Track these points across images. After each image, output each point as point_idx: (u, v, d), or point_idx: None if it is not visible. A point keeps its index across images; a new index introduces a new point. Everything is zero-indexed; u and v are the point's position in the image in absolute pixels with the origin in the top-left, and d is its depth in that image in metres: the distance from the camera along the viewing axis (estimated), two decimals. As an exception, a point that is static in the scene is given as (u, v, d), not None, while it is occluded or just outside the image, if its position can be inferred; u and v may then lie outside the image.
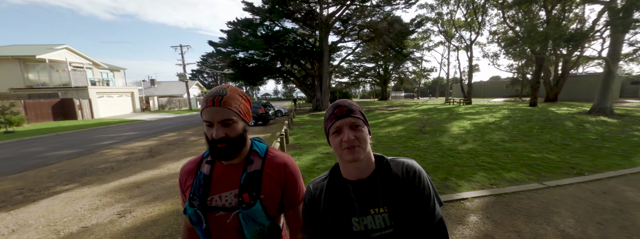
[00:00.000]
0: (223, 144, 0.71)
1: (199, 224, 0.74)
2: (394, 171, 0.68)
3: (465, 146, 5.49)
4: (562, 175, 3.59)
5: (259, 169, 0.78)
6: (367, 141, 0.65)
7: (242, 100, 0.76)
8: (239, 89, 0.78)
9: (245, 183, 0.75)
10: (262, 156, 0.80)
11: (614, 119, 9.04)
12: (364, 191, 0.67)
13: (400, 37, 18.89)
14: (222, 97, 0.71)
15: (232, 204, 0.74)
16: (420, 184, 0.66)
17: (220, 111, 0.70)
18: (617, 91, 26.48)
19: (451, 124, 9.02)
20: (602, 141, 5.62)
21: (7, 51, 17.71)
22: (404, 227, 0.64)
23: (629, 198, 2.82)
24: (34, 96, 16.01)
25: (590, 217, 2.43)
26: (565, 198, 2.85)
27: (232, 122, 0.72)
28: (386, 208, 0.65)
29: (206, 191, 0.76)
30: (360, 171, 0.68)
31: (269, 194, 0.77)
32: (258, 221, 0.73)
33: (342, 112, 0.65)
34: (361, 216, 0.65)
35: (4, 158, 6.19)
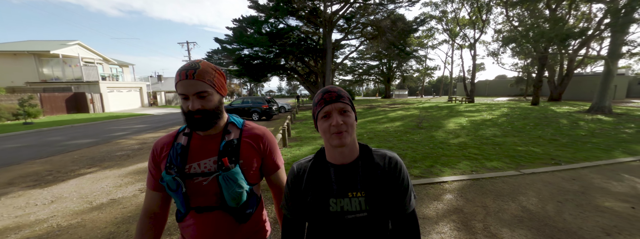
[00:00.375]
0: (199, 115, 0.72)
1: (178, 190, 0.74)
2: (376, 160, 0.70)
3: (456, 140, 5.79)
4: (540, 164, 3.90)
5: (237, 137, 0.80)
6: (354, 127, 0.67)
7: (215, 73, 0.76)
8: (211, 64, 0.78)
9: (223, 150, 0.77)
10: (240, 127, 0.83)
11: (610, 117, 9.20)
12: (344, 175, 0.69)
13: (403, 35, 19.04)
14: (195, 70, 0.71)
15: (211, 169, 0.76)
16: (400, 175, 0.69)
17: (194, 84, 0.71)
18: (623, 91, 26.20)
19: (448, 121, 9.29)
20: (590, 137, 5.87)
21: (23, 46, 18.42)
22: (378, 212, 0.66)
23: (595, 184, 3.12)
24: (48, 90, 16.69)
25: (552, 197, 2.75)
26: (536, 182, 3.17)
27: (207, 94, 0.73)
28: (363, 192, 0.67)
29: (184, 159, 0.76)
30: (344, 156, 0.69)
31: (247, 161, 0.79)
32: (237, 183, 0.74)
33: (331, 97, 0.66)
34: (338, 198, 0.68)
35: (29, 145, 6.71)
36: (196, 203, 0.76)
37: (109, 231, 2.28)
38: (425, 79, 50.22)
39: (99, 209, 2.78)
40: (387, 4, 18.45)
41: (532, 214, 2.40)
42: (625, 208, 2.50)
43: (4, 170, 4.48)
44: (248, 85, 63.31)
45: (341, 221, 0.67)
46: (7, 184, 3.79)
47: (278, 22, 19.52)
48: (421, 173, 3.56)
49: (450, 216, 2.38)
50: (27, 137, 8.03)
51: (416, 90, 56.02)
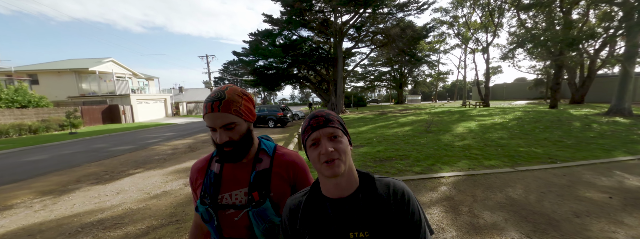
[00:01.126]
0: (229, 147, 0.72)
1: (211, 221, 0.76)
2: (379, 191, 0.62)
3: (461, 143, 6.12)
4: (536, 163, 4.20)
5: (268, 168, 0.78)
6: (347, 153, 0.61)
7: (242, 101, 0.75)
8: (238, 89, 0.76)
9: (254, 182, 0.76)
10: (270, 154, 0.81)
11: (628, 119, 9.04)
12: (343, 211, 0.61)
13: (413, 42, 19.45)
14: (220, 101, 0.70)
15: (242, 202, 0.76)
16: (408, 207, 0.61)
17: (220, 116, 0.70)
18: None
19: (458, 125, 9.52)
20: (597, 139, 5.98)
21: (65, 65, 20.68)
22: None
23: (583, 179, 3.42)
24: (87, 103, 18.55)
25: (538, 189, 3.11)
26: (527, 177, 3.52)
27: (235, 125, 0.72)
28: (367, 232, 0.59)
29: (217, 189, 0.77)
30: (341, 188, 0.62)
31: (278, 192, 0.77)
32: (268, 219, 0.74)
33: (318, 122, 0.61)
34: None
35: (81, 151, 7.78)
36: (228, 234, 0.77)
37: (170, 212, 2.94)
38: (438, 84, 49.67)
39: (156, 197, 3.47)
40: (396, 13, 19.06)
41: (515, 201, 2.80)
42: (603, 198, 2.83)
43: (69, 171, 5.39)
44: (262, 94, 65.46)
45: None
46: (76, 181, 4.63)
47: (291, 34, 20.65)
48: (422, 170, 4.00)
49: (441, 202, 2.82)
50: (76, 145, 9.20)
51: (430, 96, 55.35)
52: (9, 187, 4.38)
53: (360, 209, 0.60)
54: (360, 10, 18.55)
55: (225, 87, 0.74)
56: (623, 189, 3.07)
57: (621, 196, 2.86)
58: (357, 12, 18.84)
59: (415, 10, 18.47)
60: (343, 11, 19.33)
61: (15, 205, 3.52)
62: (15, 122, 12.00)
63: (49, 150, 8.30)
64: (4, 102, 12.68)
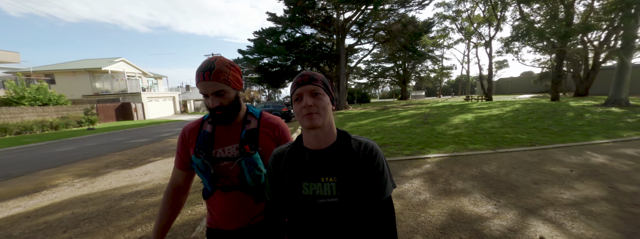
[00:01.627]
0: (220, 111, 0.82)
1: (206, 172, 0.85)
2: (352, 146, 0.70)
3: (454, 131, 6.54)
4: (517, 146, 4.62)
5: (255, 127, 0.90)
6: (326, 110, 0.68)
7: (229, 71, 0.82)
8: (226, 60, 0.83)
9: (244, 138, 0.87)
10: (257, 117, 0.92)
11: (623, 109, 9.25)
12: (319, 159, 0.70)
13: (414, 37, 19.66)
14: (211, 71, 0.78)
15: (234, 154, 0.87)
16: (374, 160, 0.68)
17: (211, 85, 0.79)
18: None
19: (455, 117, 9.88)
20: (584, 126, 6.32)
21: (80, 65, 21.59)
22: (349, 198, 0.66)
23: (554, 158, 3.84)
24: (101, 101, 19.43)
25: (510, 165, 3.56)
26: (503, 157, 3.96)
27: (224, 92, 0.81)
28: (335, 178, 0.67)
29: (211, 145, 0.87)
30: (320, 141, 0.70)
31: (265, 148, 0.88)
32: (257, 167, 0.85)
33: (303, 80, 0.68)
34: (311, 182, 0.69)
35: (103, 144, 8.47)
36: (222, 183, 0.87)
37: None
38: (442, 79, 49.49)
39: (179, 176, 4.04)
40: (397, 9, 19.27)
41: (486, 174, 3.25)
42: (564, 171, 3.26)
43: (97, 159, 6.04)
44: (267, 92, 66.24)
45: (313, 204, 0.68)
46: (105, 167, 5.25)
47: (294, 32, 21.08)
48: (411, 153, 4.47)
49: (422, 175, 3.30)
50: (97, 139, 9.92)
51: (435, 91, 55.17)
52: (50, 171, 5.03)
53: (333, 159, 0.69)
54: (361, 6, 18.82)
55: (214, 58, 0.81)
56: (586, 165, 3.49)
57: (581, 170, 3.29)
58: (358, 8, 19.12)
59: (417, 6, 18.66)
60: (345, 8, 19.62)
61: (59, 184, 4.14)
62: (38, 119, 12.84)
63: (73, 143, 9.02)
64: (27, 100, 13.54)
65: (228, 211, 0.89)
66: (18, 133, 11.60)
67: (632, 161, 3.55)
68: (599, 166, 3.42)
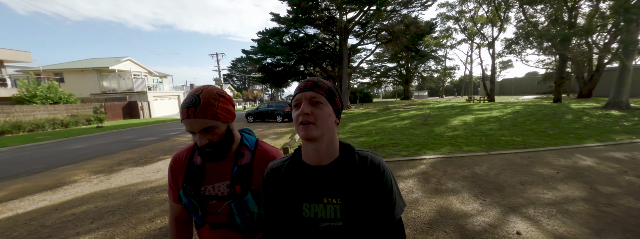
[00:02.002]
0: (210, 148, 0.75)
1: (194, 211, 0.81)
2: (357, 162, 0.64)
3: (452, 133, 6.73)
4: (510, 148, 4.81)
5: (249, 162, 0.82)
6: (325, 121, 0.60)
7: (218, 103, 0.75)
8: (214, 91, 0.76)
9: (236, 176, 0.80)
10: (252, 149, 0.84)
11: (622, 112, 9.34)
12: (320, 177, 0.64)
13: (417, 38, 19.76)
14: (195, 107, 0.71)
15: (224, 193, 0.80)
16: (381, 178, 0.62)
17: (196, 122, 0.71)
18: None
19: (455, 118, 10.05)
20: (580, 129, 6.47)
21: (87, 64, 22.07)
22: (354, 222, 0.61)
23: (543, 160, 4.04)
24: (109, 99, 19.88)
25: (500, 167, 3.77)
26: (495, 159, 4.16)
27: (214, 128, 0.74)
28: (339, 199, 0.61)
29: (200, 181, 0.81)
30: (320, 156, 0.63)
31: (259, 186, 0.80)
32: (248, 210, 0.80)
33: (306, 85, 0.62)
34: (312, 203, 0.63)
35: (113, 142, 8.81)
36: (211, 220, 0.82)
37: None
38: (446, 79, 49.36)
39: (189, 174, 4.32)
40: (400, 10, 19.38)
41: (476, 174, 3.47)
42: (551, 173, 3.46)
43: (110, 157, 6.35)
44: (270, 91, 66.66)
45: (314, 228, 0.62)
46: (118, 164, 5.55)
47: (297, 32, 21.30)
48: (408, 154, 4.69)
49: (416, 176, 3.53)
50: (107, 137, 10.29)
51: (438, 91, 55.05)
52: (67, 167, 5.35)
53: (336, 177, 0.63)
54: (364, 7, 18.95)
55: (201, 90, 0.74)
56: (573, 167, 3.68)
57: (567, 172, 3.49)
58: (361, 9, 19.25)
59: (420, 7, 18.74)
60: (348, 9, 19.77)
61: (77, 180, 4.44)
62: (50, 117, 13.27)
63: (85, 140, 9.39)
64: (39, 99, 13.98)
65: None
66: (31, 131, 12.02)
67: (618, 164, 3.74)
68: (585, 168, 3.61)
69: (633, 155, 4.14)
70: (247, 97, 52.71)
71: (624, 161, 3.88)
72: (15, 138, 10.08)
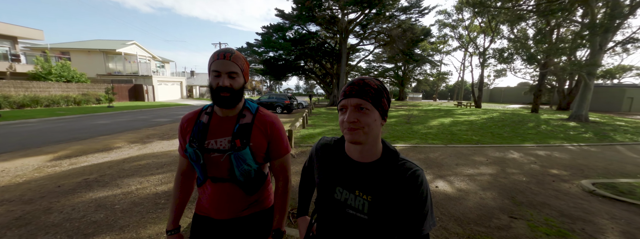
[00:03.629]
0: (226, 93, 0.85)
1: (197, 161, 0.89)
2: (397, 170, 0.65)
3: (426, 131, 8.06)
4: (464, 143, 6.14)
5: (249, 122, 0.92)
6: (371, 126, 0.63)
7: (244, 61, 0.91)
8: (241, 53, 0.91)
9: (237, 132, 0.89)
10: (253, 113, 0.95)
11: (578, 124, 10.84)
12: (357, 172, 0.68)
13: (412, 43, 20.99)
14: (232, 53, 0.86)
15: (225, 147, 0.89)
16: (418, 189, 0.63)
17: (228, 64, 0.84)
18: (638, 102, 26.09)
19: (435, 120, 11.41)
20: (530, 135, 7.86)
21: (94, 45, 22.60)
22: (379, 221, 0.65)
23: (483, 152, 5.37)
24: (115, 81, 20.61)
25: (449, 154, 5.08)
26: (449, 149, 5.48)
27: (237, 76, 0.87)
28: (370, 197, 0.65)
29: (204, 136, 0.90)
30: (362, 155, 0.68)
31: (256, 143, 0.91)
32: (246, 162, 0.89)
33: (352, 90, 0.64)
34: (345, 190, 0.69)
35: (132, 120, 9.86)
36: (212, 174, 0.91)
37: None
38: (440, 83, 51.00)
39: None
40: (399, 15, 20.51)
41: (429, 158, 4.77)
42: (482, 160, 4.79)
43: (136, 132, 7.45)
44: (268, 83, 67.37)
45: (342, 212, 0.69)
46: (147, 137, 6.68)
47: (301, 28, 22.24)
48: (384, 142, 5.98)
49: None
50: (125, 115, 11.30)
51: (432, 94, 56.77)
52: (105, 137, 6.45)
53: (372, 176, 0.66)
54: (365, 10, 20.02)
55: (232, 48, 0.91)
56: (501, 158, 5.01)
57: (493, 160, 4.81)
58: (363, 12, 20.31)
59: (417, 14, 19.90)
60: (350, 10, 20.79)
61: (120, 147, 5.57)
62: (64, 94, 14.11)
63: (105, 118, 10.40)
64: (54, 76, 14.75)
65: (218, 201, 0.92)
66: (47, 106, 12.89)
67: (535, 158, 5.09)
68: (509, 159, 4.95)
69: (551, 153, 5.51)
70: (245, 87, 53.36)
71: (541, 156, 5.24)
72: (36, 112, 10.98)
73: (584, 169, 4.40)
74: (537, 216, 2.63)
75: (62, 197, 2.84)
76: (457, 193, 3.21)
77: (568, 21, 12.85)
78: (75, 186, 3.18)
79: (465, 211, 2.71)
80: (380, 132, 0.68)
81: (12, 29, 15.08)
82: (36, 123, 8.38)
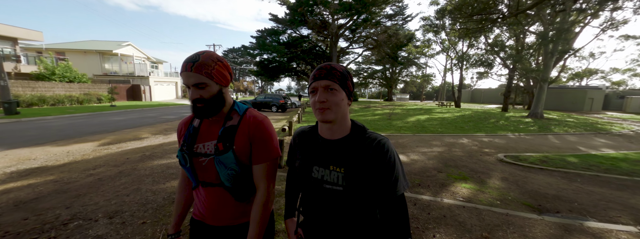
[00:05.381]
0: (201, 104, 0.84)
1: (187, 165, 0.90)
2: (365, 142, 0.73)
3: (402, 125, 9.58)
4: (429, 133, 7.66)
5: (235, 125, 0.90)
6: (339, 105, 0.71)
7: (215, 65, 0.83)
8: (214, 55, 0.84)
9: (222, 135, 0.88)
10: (241, 114, 0.92)
11: (533, 120, 12.72)
12: (330, 149, 0.77)
13: (396, 48, 22.78)
14: (193, 63, 0.80)
15: (211, 151, 0.89)
16: (384, 155, 0.71)
17: (191, 76, 0.80)
18: (599, 103, 29.08)
19: (414, 117, 13.02)
20: (487, 127, 9.52)
21: (90, 46, 23.03)
22: (353, 189, 0.72)
23: (441, 139, 6.88)
24: (113, 81, 21.16)
25: (413, 140, 6.55)
26: (415, 137, 6.97)
27: (205, 86, 0.82)
28: (343, 169, 0.73)
29: (194, 140, 0.91)
30: (333, 132, 0.76)
31: (241, 146, 0.88)
32: (229, 166, 0.86)
33: (320, 73, 0.71)
34: (321, 167, 0.77)
35: (143, 117, 10.86)
36: (202, 178, 0.91)
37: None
38: (426, 85, 53.63)
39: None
40: (385, 22, 22.25)
41: (397, 142, 6.21)
42: (438, 144, 6.28)
43: (152, 126, 8.53)
44: (260, 83, 68.12)
45: (320, 188, 0.77)
46: (165, 131, 7.79)
47: (293, 32, 23.56)
48: (365, 132, 7.44)
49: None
50: (131, 113, 12.22)
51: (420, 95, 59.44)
52: (129, 130, 7.54)
53: (343, 150, 0.75)
54: (354, 17, 21.61)
55: (203, 52, 0.84)
56: (452, 142, 6.54)
57: (446, 143, 6.32)
58: (352, 18, 21.89)
59: (402, 21, 21.68)
60: (339, 16, 22.33)
61: (147, 137, 6.69)
62: (67, 94, 14.79)
63: (115, 115, 11.32)
64: (57, 77, 15.35)
65: (209, 206, 0.92)
66: (53, 105, 13.58)
67: (479, 143, 6.65)
68: (458, 143, 6.48)
69: (492, 140, 7.10)
70: (238, 88, 54.01)
71: (484, 142, 6.81)
72: (48, 110, 11.74)
73: (509, 149, 5.98)
74: (455, 171, 4.09)
75: (137, 163, 4.06)
76: (410, 161, 4.65)
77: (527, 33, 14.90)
78: (140, 158, 4.39)
79: (411, 170, 4.14)
80: (348, 111, 0.77)
81: (13, 31, 15.59)
82: (55, 120, 9.28)
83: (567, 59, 24.99)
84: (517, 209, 2.74)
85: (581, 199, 3.06)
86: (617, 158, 5.29)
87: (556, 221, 2.47)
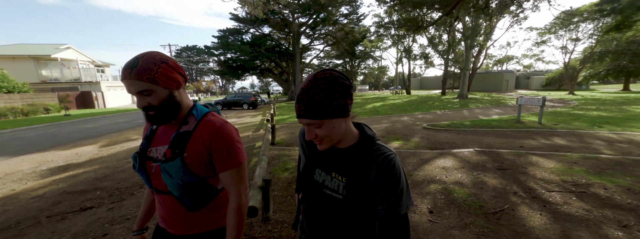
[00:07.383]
0: (152, 111, 0.78)
1: (139, 170, 0.85)
2: (371, 155, 0.69)
3: (360, 111, 11.61)
4: (381, 116, 9.75)
5: (190, 130, 0.82)
6: (332, 135, 0.67)
7: (157, 69, 0.75)
8: (157, 56, 0.76)
9: (173, 141, 0.81)
10: (198, 119, 0.84)
11: (459, 100, 16.05)
12: (334, 155, 0.74)
13: (353, 44, 25.13)
14: (132, 69, 0.72)
15: (160, 157, 0.83)
16: (390, 172, 0.66)
17: (131, 84, 0.73)
18: (512, 84, 35.97)
19: (371, 104, 15.31)
20: (423, 107, 12.10)
21: (21, 50, 20.34)
22: (352, 201, 0.70)
23: (389, 119, 9.00)
24: (55, 89, 19.24)
25: (369, 120, 8.52)
26: (369, 119, 8.96)
27: (151, 92, 0.75)
28: (345, 179, 0.70)
29: (149, 143, 0.87)
30: (336, 145, 0.75)
31: (193, 154, 0.80)
32: (174, 175, 0.79)
33: (299, 109, 0.65)
34: (323, 172, 0.75)
35: (115, 123, 10.92)
36: (155, 184, 0.86)
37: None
38: (383, 76, 58.30)
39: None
40: (342, 20, 24.28)
41: (355, 123, 8.10)
42: (385, 121, 8.33)
43: (131, 131, 9.01)
44: (221, 82, 65.52)
45: (320, 192, 0.75)
46: (150, 131, 8.46)
47: (256, 31, 24.07)
48: (331, 118, 9.22)
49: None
50: (93, 122, 11.99)
51: (378, 85, 64.29)
52: (114, 134, 8.02)
53: (348, 160, 0.71)
54: (313, 16, 23.09)
55: (144, 54, 0.75)
56: (396, 120, 8.67)
57: (392, 121, 8.41)
58: (311, 17, 23.33)
59: (356, 20, 23.96)
60: (299, 15, 23.58)
61: (136, 139, 7.39)
62: (8, 106, 13.49)
63: (83, 123, 11.09)
64: (-7, 88, 13.73)
65: (164, 213, 0.88)
66: (-5, 119, 12.39)
67: (415, 119, 8.90)
68: (400, 120, 8.63)
69: (425, 116, 9.47)
70: (198, 89, 51.50)
71: (418, 117, 9.11)
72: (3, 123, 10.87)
73: (433, 121, 8.31)
74: (393, 137, 6.03)
75: (156, 152, 5.08)
76: (364, 133, 6.52)
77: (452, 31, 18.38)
78: (155, 149, 5.37)
79: (364, 138, 5.97)
80: (348, 125, 0.71)
81: None
82: (17, 132, 9.00)
83: (488, 49, 30.38)
84: (420, 149, 4.71)
85: (459, 142, 5.21)
86: (493, 119, 7.97)
87: (438, 151, 4.48)
